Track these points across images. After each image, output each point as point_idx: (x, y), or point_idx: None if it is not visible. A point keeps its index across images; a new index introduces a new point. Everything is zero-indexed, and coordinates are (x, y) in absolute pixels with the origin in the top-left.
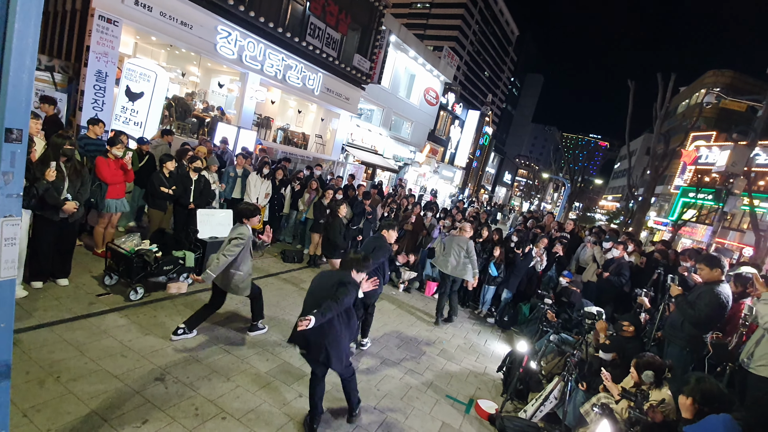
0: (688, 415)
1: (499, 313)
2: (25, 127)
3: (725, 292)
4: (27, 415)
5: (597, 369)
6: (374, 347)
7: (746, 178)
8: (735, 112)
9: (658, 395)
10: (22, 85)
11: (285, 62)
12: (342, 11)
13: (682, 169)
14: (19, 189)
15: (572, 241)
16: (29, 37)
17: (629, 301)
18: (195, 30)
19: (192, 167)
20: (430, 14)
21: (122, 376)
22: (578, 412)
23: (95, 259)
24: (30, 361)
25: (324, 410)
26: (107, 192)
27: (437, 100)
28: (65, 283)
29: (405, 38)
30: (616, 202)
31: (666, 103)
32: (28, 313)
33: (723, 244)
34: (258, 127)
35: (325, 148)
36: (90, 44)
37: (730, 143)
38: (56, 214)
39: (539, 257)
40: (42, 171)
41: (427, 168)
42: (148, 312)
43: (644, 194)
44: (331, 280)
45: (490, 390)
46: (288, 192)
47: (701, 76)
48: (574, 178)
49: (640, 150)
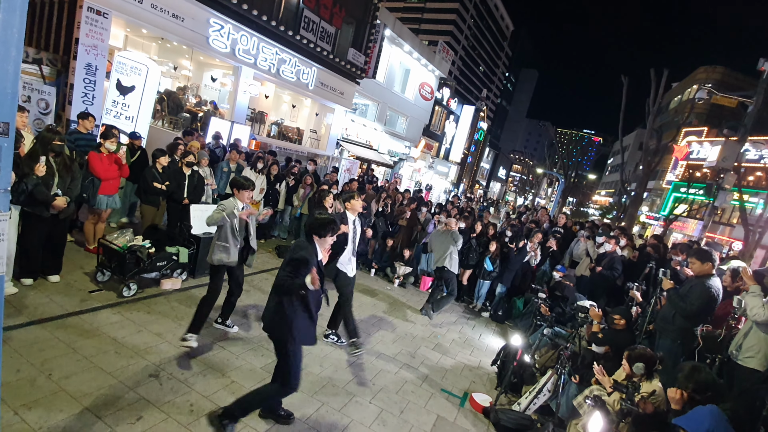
0: (677, 407)
1: (494, 307)
2: (12, 120)
3: (716, 285)
4: (18, 413)
5: (590, 362)
6: (369, 342)
7: (736, 174)
8: (726, 108)
9: (648, 387)
10: (7, 77)
11: (279, 56)
12: (336, 4)
13: (674, 165)
14: (6, 184)
15: (565, 236)
16: (14, 27)
17: (622, 295)
18: (187, 23)
19: (185, 162)
20: (425, 8)
21: (116, 373)
22: (571, 404)
23: (87, 256)
24: (21, 359)
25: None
26: (100, 188)
27: (432, 95)
28: (56, 279)
29: (400, 32)
30: (609, 197)
31: (658, 99)
32: (18, 310)
33: (713, 238)
34: (252, 122)
35: (320, 143)
36: (79, 36)
37: (721, 139)
38: (46, 210)
39: (533, 252)
40: (31, 166)
41: (422, 163)
42: (142, 308)
43: (637, 189)
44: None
45: (485, 383)
46: (283, 188)
47: (693, 72)
48: (568, 174)
49: (633, 145)
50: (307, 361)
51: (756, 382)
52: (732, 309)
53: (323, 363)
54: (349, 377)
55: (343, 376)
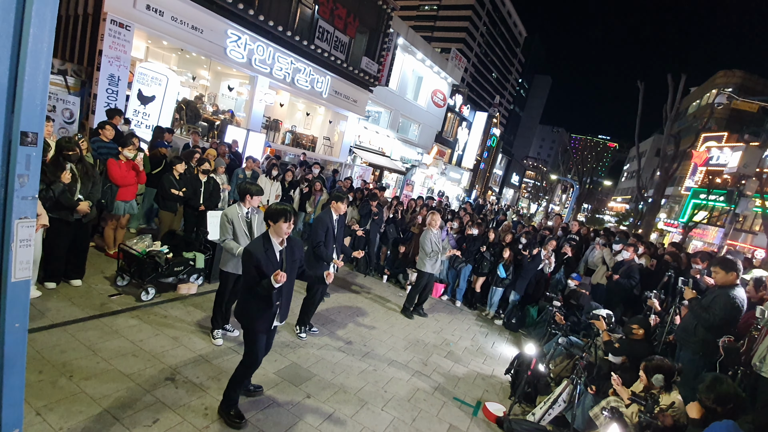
0: (696, 415)
1: (507, 315)
2: (41, 131)
3: (740, 296)
4: (40, 413)
5: (606, 372)
6: (381, 349)
7: (758, 179)
8: (746, 113)
9: (667, 399)
10: (37, 89)
11: (294, 65)
12: (350, 14)
13: (693, 171)
14: (34, 191)
15: (579, 243)
16: (44, 41)
17: (639, 304)
18: (205, 34)
19: (201, 169)
20: (437, 16)
21: (133, 375)
22: (587, 416)
23: (107, 260)
24: (43, 361)
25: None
26: (117, 194)
27: (445, 101)
28: (78, 283)
29: (413, 40)
30: (625, 203)
31: (676, 104)
32: (41, 313)
33: (734, 246)
34: (267, 130)
35: (333, 150)
36: (102, 48)
37: (742, 144)
38: (71, 215)
39: (547, 260)
40: (56, 174)
41: (435, 170)
42: (159, 312)
43: (654, 196)
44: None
45: (498, 393)
46: (297, 194)
47: (712, 77)
48: (583, 180)
49: (649, 151)
50: (318, 368)
51: None
52: (755, 320)
53: (335, 369)
54: (360, 384)
55: (354, 383)
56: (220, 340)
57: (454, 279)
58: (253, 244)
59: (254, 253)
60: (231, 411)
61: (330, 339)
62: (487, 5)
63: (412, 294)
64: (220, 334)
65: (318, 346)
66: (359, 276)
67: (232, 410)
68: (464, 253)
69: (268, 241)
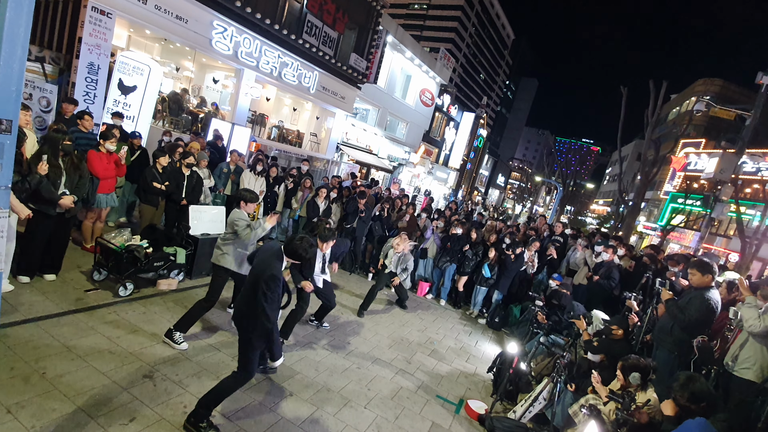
0: (670, 413)
1: (491, 314)
2: (15, 118)
3: (715, 297)
4: (11, 411)
5: (586, 370)
6: (365, 347)
7: (733, 186)
8: (724, 121)
9: (643, 397)
10: (12, 75)
11: (281, 59)
12: (339, 10)
13: (672, 175)
14: (7, 181)
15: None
16: (21, 26)
17: (618, 304)
18: (190, 24)
19: (185, 163)
20: (427, 15)
21: (110, 372)
22: (567, 413)
23: (84, 254)
24: (15, 357)
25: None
26: (98, 186)
27: (433, 101)
28: (52, 278)
29: (402, 39)
30: (607, 206)
31: (657, 110)
32: (13, 307)
33: (710, 249)
34: (252, 124)
35: (320, 146)
36: (82, 36)
37: (719, 151)
38: (52, 209)
39: (530, 262)
40: (36, 165)
41: (422, 169)
42: (138, 308)
43: (634, 199)
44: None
45: (480, 391)
46: (281, 190)
47: (692, 84)
48: (566, 182)
49: (631, 155)
50: (301, 365)
51: (751, 394)
52: (728, 320)
53: (318, 367)
54: (344, 383)
55: (338, 381)
56: (185, 344)
57: (439, 278)
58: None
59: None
60: (202, 423)
61: (313, 337)
62: (477, 6)
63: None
64: (183, 338)
65: (301, 344)
66: (345, 274)
67: (204, 422)
68: (449, 253)
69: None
